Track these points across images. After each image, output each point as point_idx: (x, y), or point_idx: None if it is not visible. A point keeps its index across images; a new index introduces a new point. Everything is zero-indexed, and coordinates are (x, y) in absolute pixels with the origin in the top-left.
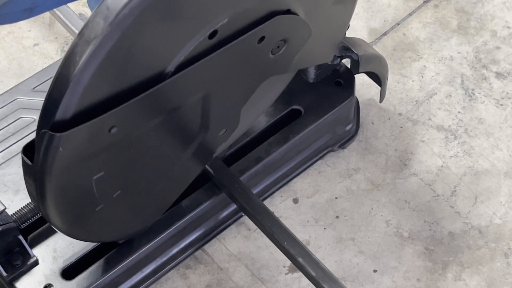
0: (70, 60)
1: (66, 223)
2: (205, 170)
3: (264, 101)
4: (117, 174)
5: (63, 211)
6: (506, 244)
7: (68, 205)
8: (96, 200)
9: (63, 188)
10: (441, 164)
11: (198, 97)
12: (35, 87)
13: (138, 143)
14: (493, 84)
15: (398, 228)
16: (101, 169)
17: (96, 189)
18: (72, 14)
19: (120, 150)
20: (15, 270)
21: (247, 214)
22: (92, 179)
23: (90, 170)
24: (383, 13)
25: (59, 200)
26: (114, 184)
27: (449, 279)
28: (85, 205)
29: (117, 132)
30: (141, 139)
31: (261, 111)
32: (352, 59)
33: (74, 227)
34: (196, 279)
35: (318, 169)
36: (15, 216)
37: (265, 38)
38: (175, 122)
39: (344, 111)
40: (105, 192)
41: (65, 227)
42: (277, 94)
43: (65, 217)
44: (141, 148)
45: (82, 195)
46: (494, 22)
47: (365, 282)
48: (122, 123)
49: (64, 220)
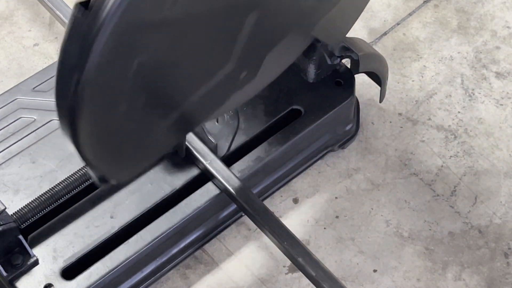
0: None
1: (93, 115)
2: (205, 170)
3: (278, 65)
4: (154, 68)
5: (96, 87)
6: (506, 244)
7: (104, 80)
8: (126, 95)
9: (110, 52)
10: (441, 164)
11: (246, 13)
12: (35, 87)
13: (185, 36)
14: (493, 84)
15: (398, 228)
16: (146, 52)
17: (133, 76)
18: None
19: (168, 38)
20: (15, 270)
21: (247, 214)
22: (134, 62)
23: (140, 47)
24: (383, 13)
25: (100, 67)
26: (147, 80)
27: (449, 279)
28: (115, 94)
29: (179, 6)
30: (189, 33)
31: (274, 74)
32: (352, 59)
33: (95, 125)
34: (196, 279)
35: (318, 169)
36: (15, 216)
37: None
38: (215, 34)
39: (344, 111)
40: (135, 87)
41: (88, 122)
42: (291, 61)
43: (94, 100)
44: (183, 46)
45: (118, 75)
46: (494, 22)
47: (365, 282)
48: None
49: (93, 105)
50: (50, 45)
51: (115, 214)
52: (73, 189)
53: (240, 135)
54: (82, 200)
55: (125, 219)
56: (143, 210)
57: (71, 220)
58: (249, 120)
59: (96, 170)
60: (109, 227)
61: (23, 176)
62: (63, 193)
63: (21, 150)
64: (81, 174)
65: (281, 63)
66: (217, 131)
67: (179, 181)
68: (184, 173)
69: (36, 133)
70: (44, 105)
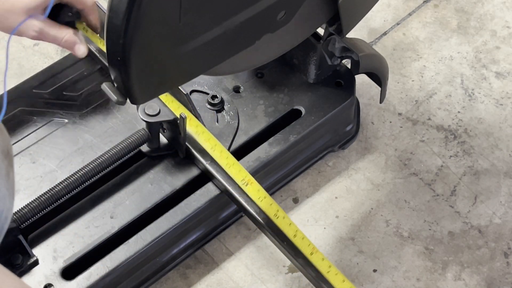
0: None
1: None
2: (205, 170)
3: (304, 27)
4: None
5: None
6: (506, 243)
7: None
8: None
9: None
10: (441, 163)
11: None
12: (35, 87)
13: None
14: (493, 84)
15: (398, 228)
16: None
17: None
18: None
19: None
20: (15, 270)
21: (247, 214)
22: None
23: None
24: (383, 13)
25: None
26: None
27: (449, 278)
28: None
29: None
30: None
31: (298, 37)
32: (352, 59)
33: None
34: (196, 279)
35: (318, 168)
36: (15, 216)
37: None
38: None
39: (345, 111)
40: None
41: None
42: (311, 31)
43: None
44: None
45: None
46: (494, 22)
47: (365, 281)
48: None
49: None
50: (50, 45)
51: (115, 214)
52: (73, 189)
53: (240, 135)
54: (82, 200)
55: (125, 219)
56: (143, 210)
57: (71, 220)
58: (249, 120)
59: (125, 85)
60: (109, 227)
61: (23, 176)
62: (63, 193)
63: (21, 150)
64: (81, 174)
65: (307, 25)
66: (217, 131)
67: (179, 181)
68: (184, 173)
69: (36, 133)
70: (44, 105)
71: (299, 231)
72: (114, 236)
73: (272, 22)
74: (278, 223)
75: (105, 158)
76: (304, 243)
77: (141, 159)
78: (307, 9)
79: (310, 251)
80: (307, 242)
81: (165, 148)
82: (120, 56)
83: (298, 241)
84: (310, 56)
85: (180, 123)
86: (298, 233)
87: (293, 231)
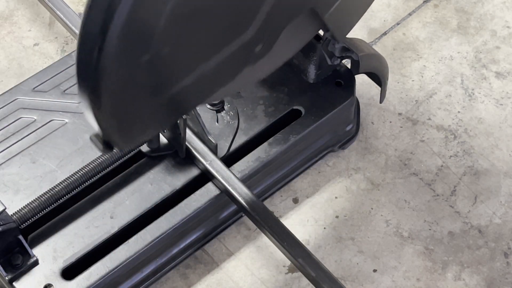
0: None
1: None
2: (205, 170)
3: (288, 48)
4: (174, 23)
5: (119, 43)
6: (506, 243)
7: (124, 34)
8: (149, 43)
9: (132, 12)
10: (441, 163)
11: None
12: (35, 87)
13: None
14: (493, 84)
15: (398, 228)
16: (165, 9)
17: (161, 24)
18: (72, 14)
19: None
20: (15, 270)
21: (247, 214)
22: (165, 10)
23: (160, 10)
24: (383, 13)
25: (120, 28)
26: (169, 33)
27: (449, 278)
28: (139, 42)
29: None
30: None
31: (283, 57)
32: (352, 59)
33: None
34: (196, 279)
35: (318, 168)
36: (15, 216)
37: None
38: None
39: (344, 111)
40: (161, 35)
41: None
42: (298, 49)
43: (118, 59)
44: (200, 12)
45: (142, 26)
46: (494, 22)
47: (365, 281)
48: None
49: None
50: (50, 45)
51: (115, 214)
52: (73, 189)
53: (240, 135)
54: (82, 200)
55: (125, 219)
56: (143, 210)
57: (71, 220)
58: (249, 120)
59: (106, 135)
60: (109, 227)
61: (23, 176)
62: (63, 193)
63: (21, 150)
64: (81, 174)
65: (291, 45)
66: (217, 131)
67: (179, 182)
68: (184, 173)
69: (36, 133)
70: (44, 105)
71: None
72: (114, 236)
73: (250, 55)
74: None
75: (105, 158)
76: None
77: (141, 159)
78: (290, 33)
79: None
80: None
81: (165, 148)
82: (95, 105)
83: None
84: (310, 56)
85: (180, 123)
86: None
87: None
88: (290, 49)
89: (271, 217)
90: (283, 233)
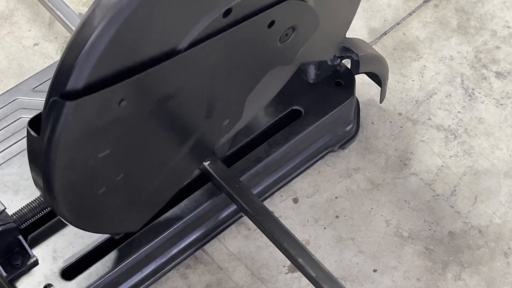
0: (87, 25)
1: (69, 207)
2: (205, 170)
3: (266, 95)
4: (122, 155)
5: (67, 192)
6: (506, 243)
7: (72, 185)
8: (100, 182)
9: (69, 164)
10: (441, 163)
11: (207, 78)
12: (35, 87)
13: (144, 123)
14: (493, 84)
15: (398, 228)
16: (107, 147)
17: (100, 168)
18: (72, 14)
19: (127, 129)
20: (15, 270)
21: (247, 214)
22: (98, 157)
23: (96, 147)
24: (383, 12)
25: (63, 178)
26: (118, 165)
27: (449, 278)
28: (89, 186)
29: (126, 106)
30: (148, 118)
31: (262, 105)
32: (352, 59)
33: (76, 212)
34: (196, 279)
35: (318, 168)
36: (15, 216)
37: (274, 23)
38: (182, 104)
39: (344, 111)
40: (108, 173)
41: (68, 212)
42: (278, 89)
43: (69, 200)
44: (147, 129)
45: (87, 174)
46: (494, 22)
47: (365, 281)
48: (132, 97)
49: (67, 203)
50: (50, 45)
51: None
52: None
53: (240, 135)
54: None
55: None
56: None
57: None
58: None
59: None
60: None
61: (23, 176)
62: None
63: (21, 150)
64: None
65: (268, 93)
66: None
67: None
68: None
69: None
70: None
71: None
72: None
73: (219, 132)
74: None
75: None
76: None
77: None
78: (266, 83)
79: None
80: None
81: None
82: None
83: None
84: None
85: None
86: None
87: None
88: (266, 98)
89: (271, 217)
90: (283, 233)
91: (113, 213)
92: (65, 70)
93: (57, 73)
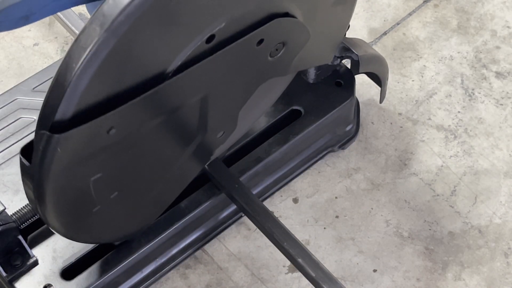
0: (67, 66)
1: (64, 224)
2: (205, 170)
3: (263, 104)
4: (115, 176)
5: (61, 213)
6: (506, 244)
7: (65, 207)
8: (94, 202)
9: (61, 190)
10: (441, 163)
11: (196, 99)
12: (35, 87)
13: (136, 145)
14: (493, 84)
15: (398, 228)
16: (99, 170)
17: (93, 190)
18: (72, 14)
19: (118, 152)
20: (14, 270)
21: (247, 214)
22: (90, 180)
23: (88, 172)
24: (383, 12)
25: (56, 201)
26: (112, 185)
27: (449, 278)
28: (83, 207)
29: (116, 134)
30: (139, 141)
31: (259, 113)
32: (352, 59)
33: (71, 228)
34: (196, 279)
35: (318, 168)
36: (15, 216)
37: (263, 41)
38: (173, 124)
39: (344, 111)
40: (102, 193)
41: (63, 228)
42: (276, 97)
43: (63, 219)
44: (139, 150)
45: (80, 196)
46: (494, 22)
47: (365, 281)
48: (120, 125)
49: (61, 221)
50: (50, 45)
51: None
52: None
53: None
54: None
55: None
56: None
57: None
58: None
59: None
60: None
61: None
62: None
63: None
64: None
65: (265, 101)
66: None
67: None
68: None
69: None
70: None
71: None
72: None
73: (214, 143)
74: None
75: None
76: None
77: None
78: (261, 93)
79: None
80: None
81: None
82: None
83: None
84: None
85: None
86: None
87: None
88: (263, 107)
89: (271, 217)
90: (283, 233)
91: (109, 225)
92: (52, 103)
93: (44, 105)
